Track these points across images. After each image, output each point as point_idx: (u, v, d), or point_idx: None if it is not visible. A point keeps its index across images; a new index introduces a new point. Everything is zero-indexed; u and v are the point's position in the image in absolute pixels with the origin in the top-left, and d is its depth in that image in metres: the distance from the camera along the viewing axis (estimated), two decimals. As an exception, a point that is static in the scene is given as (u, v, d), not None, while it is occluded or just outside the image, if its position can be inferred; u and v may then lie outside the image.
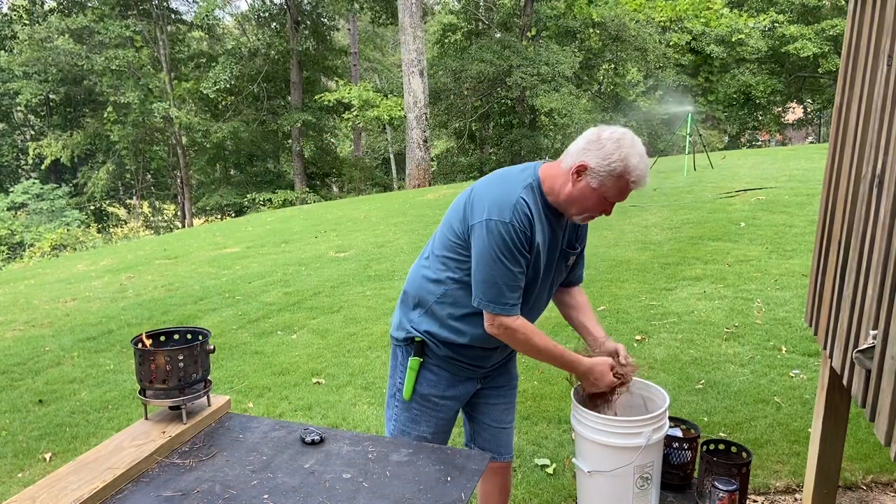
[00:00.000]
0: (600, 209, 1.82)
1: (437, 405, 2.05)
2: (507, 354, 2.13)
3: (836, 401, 2.32)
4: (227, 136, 22.40)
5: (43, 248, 16.56)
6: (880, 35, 1.85)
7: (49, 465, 3.39)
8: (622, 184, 1.76)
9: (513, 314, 1.83)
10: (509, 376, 2.18)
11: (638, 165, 1.74)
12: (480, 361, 2.04)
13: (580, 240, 2.04)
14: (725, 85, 25.68)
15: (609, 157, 1.74)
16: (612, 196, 1.79)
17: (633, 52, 22.90)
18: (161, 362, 1.80)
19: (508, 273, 1.79)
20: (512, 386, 2.19)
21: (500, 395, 2.15)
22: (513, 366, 2.20)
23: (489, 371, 2.11)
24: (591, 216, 1.85)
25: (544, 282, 1.95)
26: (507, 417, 2.17)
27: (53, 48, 20.14)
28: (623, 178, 1.75)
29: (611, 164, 1.74)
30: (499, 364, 2.12)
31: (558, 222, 1.90)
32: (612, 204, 1.82)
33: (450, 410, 2.08)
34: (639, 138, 1.80)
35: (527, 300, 1.91)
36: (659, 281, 5.95)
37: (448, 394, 2.05)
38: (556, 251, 1.93)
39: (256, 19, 24.50)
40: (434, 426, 2.07)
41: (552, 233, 1.89)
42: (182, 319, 5.80)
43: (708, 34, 23.85)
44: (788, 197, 9.03)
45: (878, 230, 1.72)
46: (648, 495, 1.93)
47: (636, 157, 1.75)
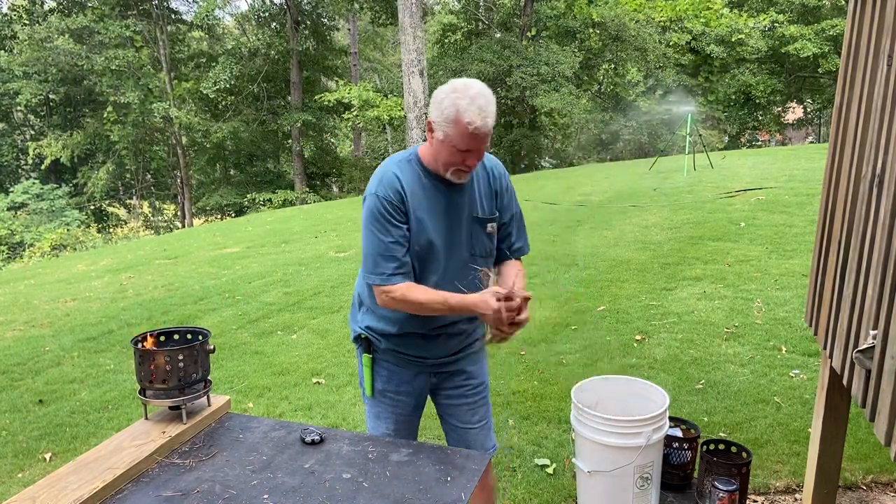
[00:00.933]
0: (458, 160, 1.84)
1: (393, 400, 2.11)
2: (458, 350, 2.10)
3: (836, 401, 2.32)
4: (227, 136, 22.40)
5: (43, 248, 16.55)
6: (880, 35, 1.85)
7: (49, 465, 3.39)
8: (461, 129, 1.78)
9: (391, 283, 1.88)
10: (467, 375, 2.14)
11: (468, 107, 1.76)
12: (420, 351, 2.05)
13: (504, 208, 2.04)
14: (725, 85, 25.68)
15: (441, 106, 1.79)
16: (459, 143, 1.80)
17: (633, 52, 22.92)
18: (161, 362, 1.80)
19: (380, 244, 1.87)
20: (473, 386, 2.15)
21: (461, 396, 2.15)
22: (471, 364, 2.15)
23: (438, 365, 2.10)
24: (458, 170, 1.87)
25: (451, 248, 1.95)
26: (472, 418, 2.16)
27: (53, 48, 20.14)
28: (459, 122, 1.77)
29: (444, 113, 1.79)
30: (446, 359, 2.10)
31: (455, 189, 1.94)
32: (469, 153, 1.83)
33: (406, 406, 2.12)
34: (479, 84, 1.82)
35: (433, 269, 1.95)
36: (659, 281, 5.95)
37: (402, 389, 2.10)
38: (460, 218, 1.95)
39: (256, 19, 24.49)
40: (394, 422, 2.12)
41: (444, 200, 1.93)
42: (182, 319, 5.80)
43: (708, 34, 23.85)
44: (788, 197, 9.03)
45: (878, 230, 1.72)
46: (648, 495, 1.93)
47: (466, 99, 1.77)
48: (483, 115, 1.78)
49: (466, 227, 1.97)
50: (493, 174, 2.03)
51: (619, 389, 2.16)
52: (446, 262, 1.97)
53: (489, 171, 2.03)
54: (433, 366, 2.10)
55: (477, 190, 1.99)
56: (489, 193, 2.01)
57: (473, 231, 1.98)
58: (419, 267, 1.95)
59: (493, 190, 2.02)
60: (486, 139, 1.83)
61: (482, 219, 1.98)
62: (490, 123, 1.80)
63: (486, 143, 1.86)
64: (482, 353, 2.20)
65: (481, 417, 2.17)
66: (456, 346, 2.09)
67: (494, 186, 2.02)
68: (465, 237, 1.98)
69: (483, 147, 1.85)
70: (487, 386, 2.22)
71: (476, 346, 2.15)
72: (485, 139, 1.83)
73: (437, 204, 1.93)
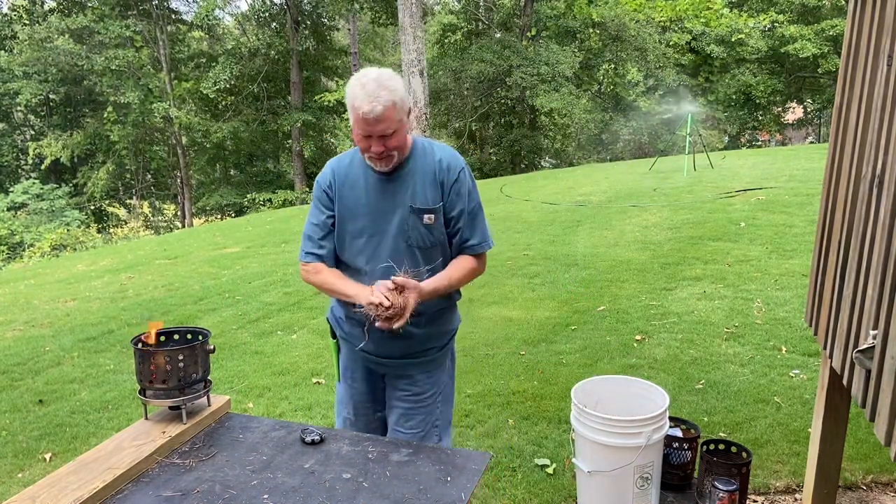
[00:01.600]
0: (365, 146, 1.92)
1: (350, 386, 2.23)
2: (407, 355, 2.11)
3: (836, 401, 2.32)
4: (227, 136, 22.40)
5: (43, 248, 16.55)
6: (880, 35, 1.85)
7: (49, 465, 3.39)
8: (354, 115, 1.86)
9: (305, 260, 2.08)
10: (410, 381, 2.14)
11: (358, 93, 1.83)
12: (358, 340, 2.08)
13: (452, 202, 2.02)
14: (725, 85, 25.69)
15: (346, 98, 1.90)
16: (357, 128, 1.89)
17: (633, 52, 22.92)
18: (161, 362, 1.81)
19: (309, 223, 2.09)
20: (412, 392, 2.15)
21: (400, 399, 2.17)
22: (421, 372, 2.15)
23: (388, 366, 2.14)
24: (371, 156, 1.94)
25: (382, 236, 2.01)
26: (405, 423, 2.16)
27: (53, 48, 20.13)
28: (352, 108, 1.86)
29: (347, 102, 1.89)
30: (395, 360, 2.11)
31: (392, 180, 2.01)
32: (370, 139, 1.89)
33: (360, 394, 2.22)
34: (378, 70, 1.87)
35: (363, 254, 2.03)
36: (659, 281, 5.95)
37: (356, 375, 2.21)
38: (395, 208, 2.00)
39: (256, 19, 24.49)
40: (353, 407, 2.24)
41: (379, 190, 2.01)
42: (182, 319, 5.80)
43: (708, 34, 23.86)
44: (788, 197, 9.03)
45: (878, 230, 1.72)
46: (648, 495, 1.93)
47: (357, 86, 1.84)
48: (371, 99, 1.82)
49: (402, 216, 1.99)
50: (442, 166, 2.02)
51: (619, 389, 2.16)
52: (376, 249, 2.01)
53: (437, 162, 2.03)
54: (381, 364, 2.15)
55: (418, 181, 2.00)
56: (433, 184, 2.01)
57: (410, 221, 1.99)
58: (351, 251, 2.05)
59: (437, 181, 2.01)
60: (379, 124, 1.85)
61: (419, 209, 1.99)
62: (379, 109, 1.82)
63: (385, 128, 1.86)
64: (438, 364, 2.18)
65: (415, 425, 2.16)
66: (404, 349, 2.10)
67: (440, 178, 2.01)
68: (400, 227, 1.99)
69: (381, 132, 1.87)
70: (434, 398, 2.18)
71: (431, 356, 2.15)
72: (378, 123, 1.85)
73: (371, 194, 2.01)
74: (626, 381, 2.18)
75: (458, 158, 2.08)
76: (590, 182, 13.20)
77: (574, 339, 4.70)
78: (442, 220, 2.03)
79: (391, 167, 1.98)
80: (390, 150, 1.92)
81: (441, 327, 2.15)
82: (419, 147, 2.06)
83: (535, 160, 25.27)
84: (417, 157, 2.04)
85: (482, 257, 2.17)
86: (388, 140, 1.89)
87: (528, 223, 9.12)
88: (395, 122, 1.88)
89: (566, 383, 3.91)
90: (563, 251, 7.31)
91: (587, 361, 4.29)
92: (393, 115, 1.86)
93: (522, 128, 23.66)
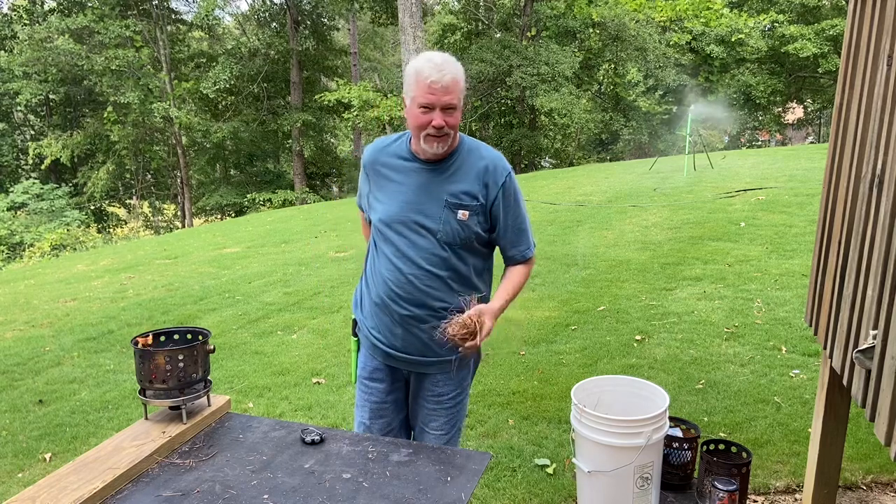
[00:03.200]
0: (424, 121, 1.91)
1: (368, 388, 2.19)
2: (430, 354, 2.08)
3: (836, 401, 2.32)
4: (227, 136, 22.39)
5: (43, 248, 16.54)
6: (880, 35, 1.85)
7: (49, 465, 3.39)
8: (420, 84, 1.89)
9: (359, 210, 2.25)
10: (434, 381, 2.15)
11: (424, 65, 1.89)
12: (390, 338, 2.08)
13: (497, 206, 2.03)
14: (725, 85, 25.67)
15: (405, 75, 1.96)
16: (420, 98, 1.90)
17: (633, 52, 22.92)
18: (161, 362, 1.80)
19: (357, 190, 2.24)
20: (436, 394, 2.16)
21: (424, 399, 2.18)
22: (441, 373, 2.14)
23: (410, 363, 2.11)
24: (429, 135, 1.93)
25: (414, 225, 2.00)
26: (430, 423, 2.18)
27: (53, 48, 20.11)
28: (418, 79, 1.89)
29: (407, 79, 1.94)
30: (418, 358, 2.09)
31: (435, 171, 2.01)
32: (432, 111, 1.90)
33: (379, 394, 2.17)
34: (439, 53, 1.94)
35: (393, 238, 2.03)
36: (659, 281, 5.95)
37: (375, 376, 2.17)
38: (432, 200, 2.00)
39: (256, 19, 24.49)
40: (369, 411, 2.19)
41: (419, 179, 2.02)
42: (182, 319, 5.80)
43: (708, 34, 23.84)
44: (788, 197, 9.03)
45: (878, 230, 1.72)
46: (648, 495, 1.93)
47: (422, 59, 1.91)
48: (439, 69, 1.87)
49: (438, 210, 1.99)
50: (488, 167, 2.02)
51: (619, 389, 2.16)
52: (407, 236, 2.01)
53: (483, 162, 2.03)
54: (405, 362, 2.12)
55: (460, 176, 2.00)
56: (475, 182, 2.00)
57: (444, 215, 1.99)
58: (384, 231, 2.05)
59: (482, 181, 2.01)
60: (446, 94, 1.88)
61: (454, 203, 1.98)
62: (447, 79, 1.87)
63: (451, 99, 1.89)
64: (463, 365, 2.18)
65: (440, 426, 2.17)
66: (431, 349, 2.07)
67: (485, 179, 2.01)
68: (434, 220, 1.99)
69: (446, 103, 1.89)
70: (456, 399, 2.19)
71: (451, 355, 2.11)
72: (445, 94, 1.88)
73: (411, 181, 2.02)
74: (626, 381, 2.18)
75: (504, 161, 2.08)
76: (590, 182, 13.19)
77: (574, 339, 4.70)
78: (476, 219, 2.01)
79: (444, 151, 1.97)
80: (450, 127, 1.92)
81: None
82: (466, 144, 2.06)
83: (535, 160, 25.27)
84: (463, 153, 2.04)
85: (532, 264, 2.19)
86: (450, 115, 1.91)
87: (528, 223, 9.11)
88: (458, 98, 1.92)
89: (566, 383, 3.91)
90: (563, 251, 7.31)
91: (587, 361, 4.29)
92: (458, 89, 1.91)
93: (522, 128, 23.65)
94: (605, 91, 26.15)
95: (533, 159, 25.06)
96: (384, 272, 2.04)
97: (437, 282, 2.00)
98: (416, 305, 2.02)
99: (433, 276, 2.00)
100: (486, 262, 2.15)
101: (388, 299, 2.04)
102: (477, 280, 2.10)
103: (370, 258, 2.15)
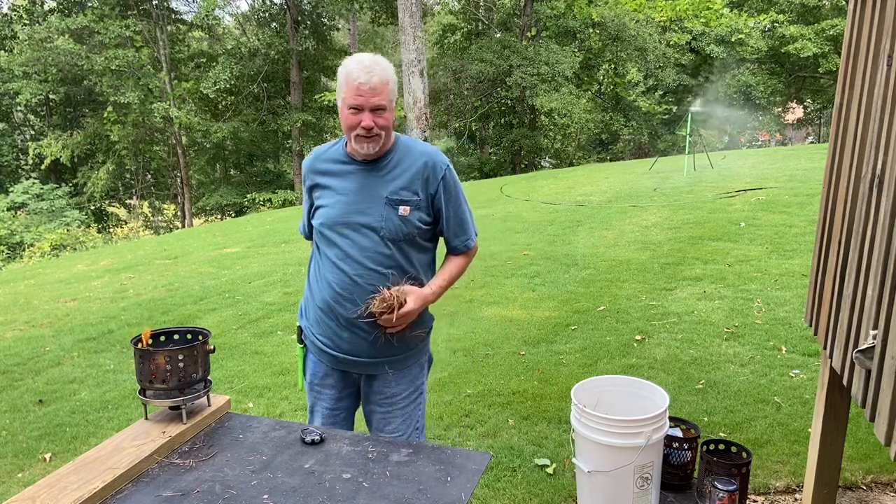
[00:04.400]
0: (354, 121, 1.94)
1: (319, 393, 2.20)
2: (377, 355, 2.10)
3: (836, 401, 2.32)
4: (227, 136, 22.40)
5: (43, 248, 16.54)
6: (880, 35, 1.85)
7: (49, 465, 3.39)
8: (348, 86, 1.92)
9: (302, 234, 2.31)
10: (384, 383, 2.15)
11: (353, 66, 1.92)
12: (337, 341, 2.09)
13: (439, 199, 2.06)
14: (725, 85, 25.68)
15: (337, 76, 1.99)
16: (349, 100, 1.93)
17: (633, 52, 22.93)
18: (161, 362, 1.80)
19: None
20: (386, 395, 2.15)
21: (376, 403, 2.17)
22: (393, 372, 2.15)
23: (358, 365, 2.12)
24: (359, 133, 1.95)
25: (350, 222, 2.03)
26: (384, 427, 2.17)
27: (53, 48, 20.11)
28: (347, 80, 1.93)
29: (339, 80, 1.97)
30: (365, 360, 2.11)
31: (372, 172, 2.05)
32: (361, 112, 1.93)
33: (330, 400, 2.19)
34: (370, 55, 1.97)
35: (338, 240, 2.04)
36: (659, 281, 5.95)
37: (326, 382, 2.18)
38: (373, 199, 2.02)
39: (256, 19, 24.50)
40: (321, 416, 2.20)
41: (359, 180, 2.05)
42: (182, 319, 5.80)
43: (708, 34, 23.85)
44: (788, 197, 9.03)
45: (878, 230, 1.72)
46: (648, 495, 1.93)
47: (352, 61, 1.94)
48: (367, 70, 1.90)
49: (379, 207, 2.02)
50: (428, 164, 2.05)
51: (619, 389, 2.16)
52: (350, 237, 2.03)
53: (421, 158, 2.06)
54: (354, 365, 2.13)
55: (398, 174, 2.04)
56: (414, 179, 2.03)
57: (385, 212, 2.01)
58: (327, 235, 2.07)
59: (422, 177, 2.04)
60: (374, 95, 1.90)
61: (394, 200, 2.01)
62: (375, 80, 1.89)
63: (379, 101, 1.91)
64: (413, 364, 2.19)
65: (395, 428, 2.17)
66: (378, 349, 2.08)
67: (425, 174, 2.04)
68: (376, 218, 2.01)
69: (375, 104, 1.91)
70: (411, 398, 2.19)
71: (405, 354, 2.15)
72: (373, 95, 1.90)
73: (349, 183, 2.05)
74: (626, 381, 2.18)
75: (441, 156, 2.11)
76: (590, 182, 13.20)
77: (574, 339, 4.70)
78: (418, 214, 2.04)
79: (376, 151, 2.00)
80: (380, 128, 1.95)
81: (414, 327, 2.14)
82: (402, 143, 2.10)
83: (535, 160, 25.27)
84: (400, 151, 2.07)
85: (473, 254, 2.21)
86: (379, 116, 1.93)
87: (528, 223, 9.12)
88: (388, 99, 1.93)
89: (566, 383, 3.91)
90: (563, 251, 7.31)
91: (587, 361, 4.29)
92: (387, 91, 1.92)
93: (522, 128, 23.65)
94: (605, 91, 26.16)
95: (533, 159, 25.07)
96: (328, 276, 2.06)
97: (382, 280, 2.02)
98: (357, 306, 2.03)
99: (378, 274, 2.02)
100: (430, 257, 2.18)
101: (333, 303, 2.06)
102: (422, 276, 2.12)
103: (314, 264, 2.17)
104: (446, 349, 4.66)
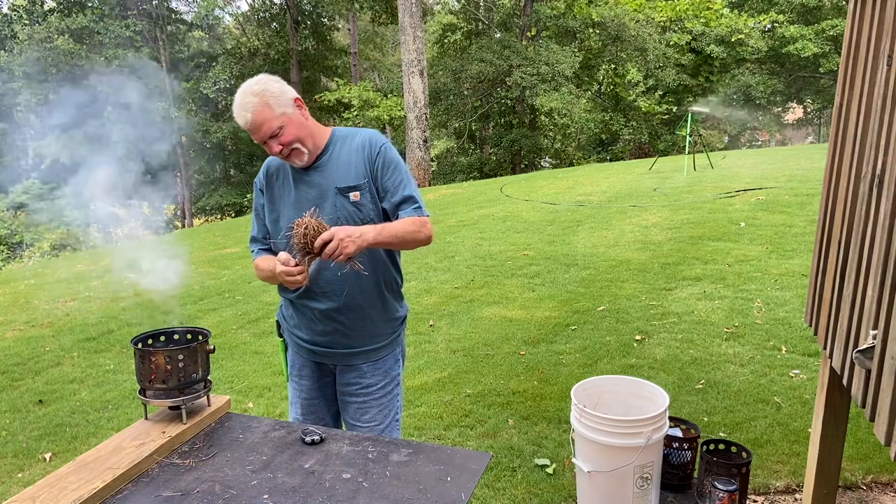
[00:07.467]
0: (269, 149, 2.02)
1: (298, 385, 2.26)
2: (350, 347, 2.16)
3: (836, 401, 2.31)
4: (227, 136, 22.41)
5: (43, 248, 16.53)
6: (880, 35, 1.85)
7: (49, 465, 3.39)
8: (243, 127, 2.00)
9: (252, 250, 2.28)
10: (359, 374, 2.19)
11: (235, 109, 1.98)
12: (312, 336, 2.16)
13: (376, 176, 2.08)
14: (725, 85, 25.68)
15: None
16: (253, 138, 2.03)
17: (633, 52, 22.92)
18: (161, 362, 1.80)
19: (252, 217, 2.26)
20: (362, 385, 2.19)
21: (351, 394, 2.21)
22: (368, 364, 2.19)
23: (333, 357, 2.18)
24: (281, 155, 2.02)
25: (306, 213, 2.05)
26: (361, 416, 2.20)
27: (53, 48, 20.13)
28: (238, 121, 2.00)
29: None
30: (340, 350, 2.16)
31: (314, 170, 2.08)
32: (267, 143, 1.99)
33: (308, 390, 2.25)
34: (248, 82, 2.00)
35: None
36: (659, 281, 5.95)
37: (303, 373, 2.24)
38: (323, 194, 2.06)
39: (256, 19, 24.50)
40: (301, 407, 2.26)
41: (301, 179, 2.09)
42: (182, 319, 5.80)
43: (708, 34, 23.85)
44: (788, 197, 9.03)
45: (878, 230, 1.72)
46: (648, 495, 1.93)
47: (234, 103, 1.99)
48: (240, 110, 1.95)
49: (331, 200, 2.05)
50: (366, 145, 2.09)
51: (619, 389, 2.15)
52: None
53: (360, 142, 2.10)
54: (328, 357, 2.19)
55: (341, 165, 2.07)
56: (358, 163, 2.07)
57: (339, 203, 2.05)
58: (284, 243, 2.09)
59: (364, 159, 2.07)
60: (260, 129, 1.95)
61: (343, 188, 2.05)
62: (249, 116, 1.94)
63: (268, 129, 1.96)
64: (387, 355, 2.23)
65: (372, 418, 2.20)
66: (350, 339, 2.14)
67: (365, 155, 2.08)
68: (331, 211, 2.05)
69: (266, 134, 1.96)
70: (386, 389, 2.23)
71: (378, 345, 2.19)
72: (258, 129, 1.96)
73: (300, 185, 2.09)
74: (626, 381, 2.18)
75: (379, 135, 2.16)
76: (590, 182, 13.19)
77: (574, 339, 4.70)
78: (369, 196, 2.07)
79: (307, 160, 2.05)
80: (290, 146, 1.99)
81: (386, 315, 2.18)
82: (338, 135, 2.13)
83: (535, 160, 25.27)
84: (337, 144, 2.11)
85: (425, 222, 2.10)
86: (281, 137, 1.97)
87: (528, 223, 9.12)
88: (275, 120, 1.95)
89: (566, 383, 3.91)
90: (563, 251, 7.31)
91: (587, 361, 4.29)
92: (269, 114, 1.95)
93: (522, 128, 23.65)
94: (605, 91, 26.15)
95: (533, 159, 25.06)
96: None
97: (347, 270, 2.05)
98: (330, 298, 2.09)
99: (342, 265, 2.03)
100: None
101: (303, 297, 2.13)
102: (387, 262, 2.15)
103: None
104: (446, 349, 4.66)
